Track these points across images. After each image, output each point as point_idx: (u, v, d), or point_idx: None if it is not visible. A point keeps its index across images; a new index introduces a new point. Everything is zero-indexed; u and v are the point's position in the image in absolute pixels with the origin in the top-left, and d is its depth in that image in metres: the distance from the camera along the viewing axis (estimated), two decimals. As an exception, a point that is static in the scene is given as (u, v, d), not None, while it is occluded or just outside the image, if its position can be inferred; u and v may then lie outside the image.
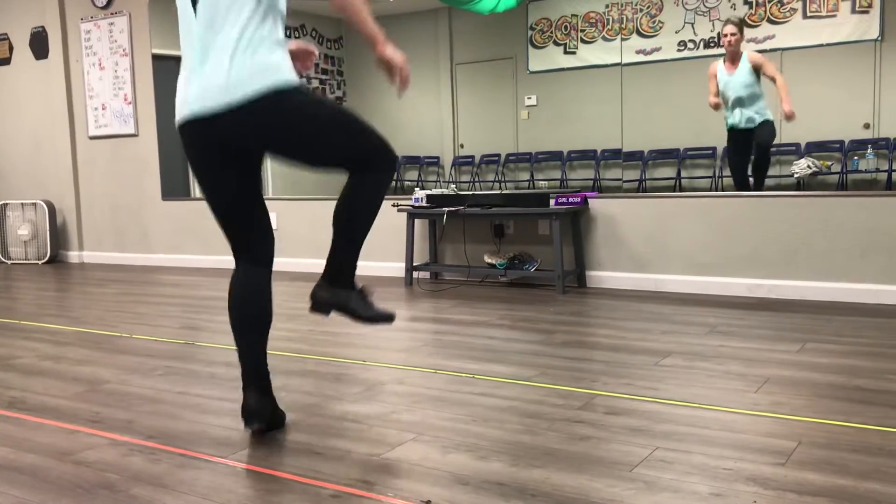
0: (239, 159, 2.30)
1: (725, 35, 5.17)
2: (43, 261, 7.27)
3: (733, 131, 5.38)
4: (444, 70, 8.23)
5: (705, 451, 2.12)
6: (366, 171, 2.30)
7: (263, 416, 2.32)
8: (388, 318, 2.40)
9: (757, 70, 5.18)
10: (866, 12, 5.28)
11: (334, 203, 2.35)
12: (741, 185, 5.37)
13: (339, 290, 2.35)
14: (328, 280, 2.36)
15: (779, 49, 5.65)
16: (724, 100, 5.26)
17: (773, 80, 5.24)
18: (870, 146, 5.99)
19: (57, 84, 7.22)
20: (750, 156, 5.38)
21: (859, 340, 3.32)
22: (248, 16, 2.20)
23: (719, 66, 5.27)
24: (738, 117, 5.30)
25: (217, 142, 2.26)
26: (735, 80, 5.19)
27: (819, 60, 5.92)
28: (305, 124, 2.22)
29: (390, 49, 2.26)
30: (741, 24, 5.23)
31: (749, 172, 5.37)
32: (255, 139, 2.25)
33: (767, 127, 5.29)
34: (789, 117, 5.20)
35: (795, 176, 6.10)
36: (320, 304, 2.37)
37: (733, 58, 5.18)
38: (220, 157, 2.29)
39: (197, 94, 2.26)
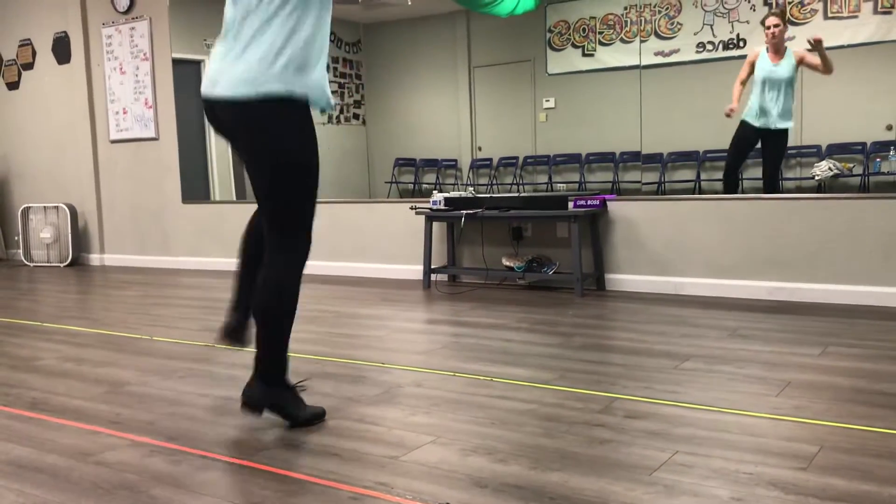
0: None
1: (769, 27, 5.07)
2: (65, 263, 7.34)
3: (746, 126, 5.29)
4: (463, 73, 8.23)
5: (726, 455, 2.11)
6: (281, 251, 2.37)
7: (236, 337, 2.55)
8: (320, 416, 2.48)
9: (802, 62, 5.10)
10: (889, 13, 5.23)
11: (353, 206, 2.38)
12: (730, 187, 5.33)
13: (271, 388, 2.39)
14: (260, 376, 2.38)
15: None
16: (763, 87, 5.16)
17: (819, 65, 5.07)
18: (892, 148, 5.92)
19: (79, 88, 7.30)
20: (746, 159, 5.32)
21: (882, 344, 3.28)
22: (275, 16, 2.23)
23: (762, 54, 5.18)
24: (761, 116, 5.23)
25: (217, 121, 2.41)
26: (780, 71, 5.11)
27: (840, 62, 5.86)
28: (270, 153, 2.30)
29: None
30: (784, 15, 5.16)
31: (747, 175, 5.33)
32: (230, 135, 2.38)
33: (781, 145, 5.23)
34: (817, 41, 5.01)
35: (816, 178, 6.05)
36: (252, 404, 2.40)
37: (777, 49, 5.09)
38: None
39: (211, 76, 2.34)
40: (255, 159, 2.32)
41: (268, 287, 2.36)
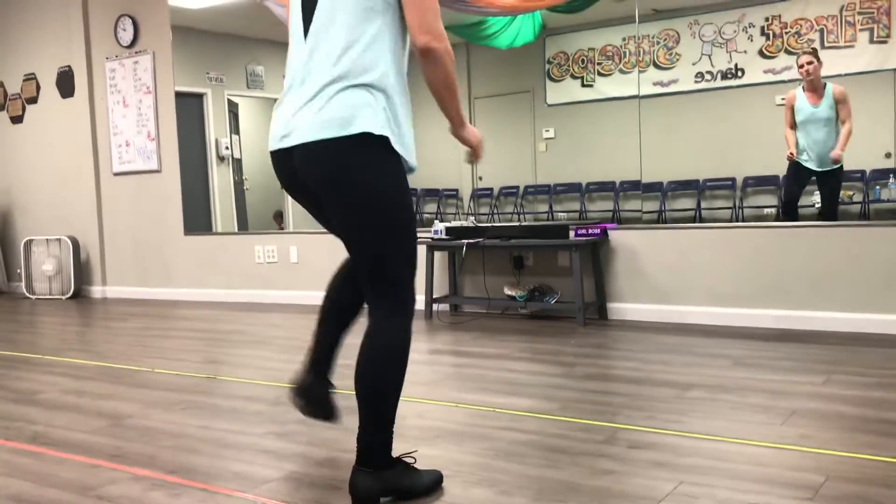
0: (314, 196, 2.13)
1: (801, 66, 5.06)
2: (67, 296, 7.34)
3: (799, 166, 5.26)
4: (463, 104, 8.29)
5: (731, 485, 2.09)
6: (387, 309, 2.06)
7: (311, 398, 2.28)
8: (440, 479, 2.18)
9: (837, 103, 5.08)
10: (885, 42, 5.27)
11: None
12: (791, 216, 5.30)
13: (380, 472, 2.03)
14: (364, 462, 2.02)
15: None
16: (806, 129, 5.15)
17: (843, 121, 5.14)
18: (891, 175, 5.93)
19: (82, 122, 7.35)
20: (804, 187, 5.28)
21: (887, 372, 3.27)
22: (358, 50, 1.99)
23: (799, 95, 5.16)
24: (808, 155, 5.19)
25: (293, 172, 2.10)
26: (820, 112, 5.10)
27: (838, 90, 5.91)
28: (370, 193, 1.99)
29: (468, 131, 2.23)
30: (816, 52, 5.15)
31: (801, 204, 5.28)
32: (313, 183, 2.05)
33: (835, 183, 5.17)
34: (836, 160, 5.12)
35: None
36: (366, 497, 2.02)
37: (814, 88, 5.07)
38: (302, 190, 2.15)
39: (287, 123, 2.06)
40: (359, 202, 1.99)
41: (376, 356, 2.03)
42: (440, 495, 2.09)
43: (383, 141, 1.99)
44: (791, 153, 5.17)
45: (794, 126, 5.22)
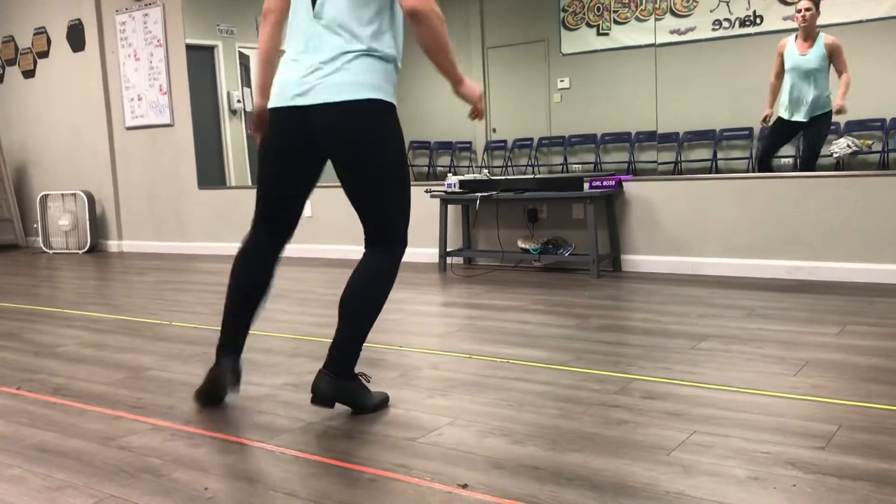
0: (313, 159, 2.36)
1: (799, 10, 5.00)
2: (83, 250, 7.41)
3: (781, 120, 5.24)
4: (476, 54, 8.19)
5: (744, 434, 2.11)
6: (383, 249, 2.33)
7: (234, 382, 2.46)
8: (385, 402, 2.46)
9: (830, 56, 5.02)
10: (908, -14, 5.15)
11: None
12: (764, 167, 5.26)
13: (342, 381, 2.35)
14: (332, 370, 2.34)
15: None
16: (791, 78, 5.10)
17: (839, 73, 5.09)
18: (912, 124, 5.84)
19: (94, 76, 7.33)
20: (785, 143, 5.25)
21: (902, 322, 3.26)
22: (372, 24, 2.20)
23: (790, 44, 5.10)
24: (794, 108, 5.14)
25: (305, 133, 2.27)
26: (808, 61, 5.03)
27: (858, 37, 5.79)
28: (381, 155, 2.25)
29: (466, 87, 2.41)
30: (818, 0, 5.08)
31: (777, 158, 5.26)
32: (334, 143, 2.25)
33: (823, 126, 5.13)
34: (839, 111, 5.07)
35: (835, 156, 5.98)
36: (324, 398, 2.35)
37: (807, 36, 5.02)
38: (298, 149, 2.32)
39: (300, 82, 2.23)
40: (385, 162, 2.26)
41: (373, 280, 2.33)
42: (455, 445, 2.12)
43: (393, 107, 2.26)
44: (767, 115, 5.14)
45: (780, 76, 5.17)
